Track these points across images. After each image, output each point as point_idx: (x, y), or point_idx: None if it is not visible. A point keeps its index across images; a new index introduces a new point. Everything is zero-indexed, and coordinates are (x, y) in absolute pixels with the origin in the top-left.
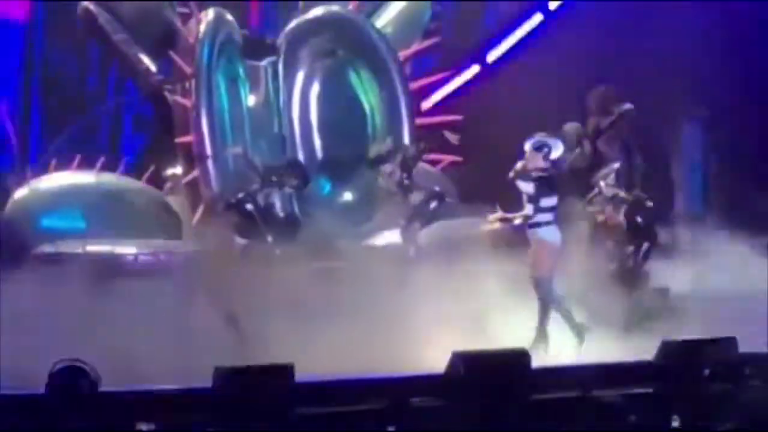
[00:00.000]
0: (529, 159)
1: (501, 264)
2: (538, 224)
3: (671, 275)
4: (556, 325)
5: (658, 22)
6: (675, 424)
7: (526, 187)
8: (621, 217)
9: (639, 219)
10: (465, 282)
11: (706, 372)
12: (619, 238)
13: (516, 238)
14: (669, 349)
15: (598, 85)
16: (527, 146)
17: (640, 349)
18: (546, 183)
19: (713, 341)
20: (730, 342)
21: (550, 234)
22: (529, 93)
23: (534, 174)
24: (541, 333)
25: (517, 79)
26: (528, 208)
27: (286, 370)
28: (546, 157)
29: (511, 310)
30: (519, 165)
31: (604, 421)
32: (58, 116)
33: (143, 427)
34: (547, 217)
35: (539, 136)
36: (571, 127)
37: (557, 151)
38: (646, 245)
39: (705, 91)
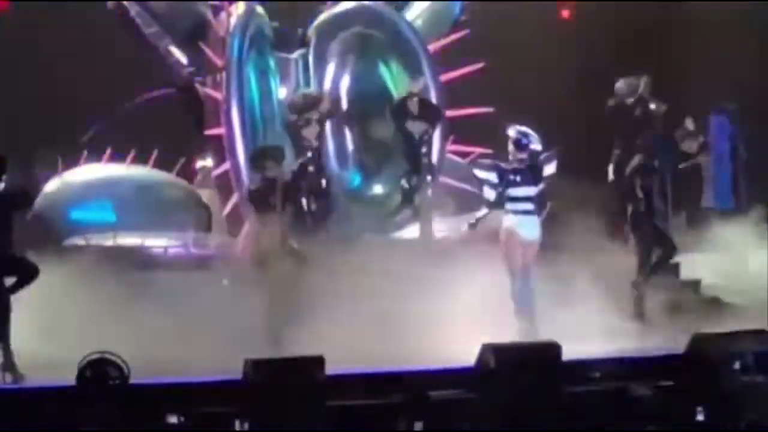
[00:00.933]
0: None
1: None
2: (513, 212)
3: (702, 268)
4: (589, 317)
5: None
6: (706, 416)
7: (484, 175)
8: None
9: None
10: (484, 276)
11: (737, 364)
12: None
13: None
14: (700, 342)
15: (625, 75)
16: (510, 133)
17: (671, 341)
18: (519, 173)
19: (744, 334)
20: (761, 335)
21: (516, 225)
22: (557, 83)
23: (509, 164)
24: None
25: (546, 69)
26: (489, 194)
27: (317, 362)
28: (523, 148)
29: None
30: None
31: (634, 413)
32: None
33: (173, 418)
34: (517, 207)
35: (518, 127)
36: None
37: (535, 143)
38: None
39: (734, 82)
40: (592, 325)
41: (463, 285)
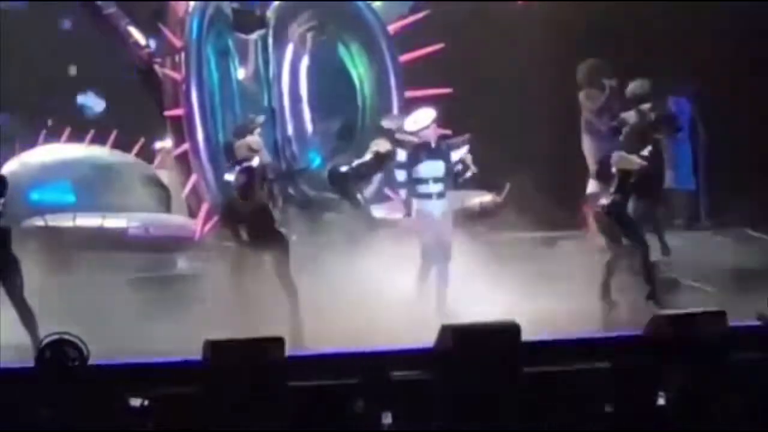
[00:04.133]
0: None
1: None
2: (420, 194)
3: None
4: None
5: None
6: (664, 396)
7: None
8: None
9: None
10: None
11: (696, 345)
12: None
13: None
14: (658, 322)
15: (586, 57)
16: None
17: (633, 321)
18: (423, 154)
19: (703, 314)
20: (720, 315)
21: (424, 206)
22: (520, 63)
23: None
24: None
25: (507, 50)
26: (400, 175)
27: (277, 343)
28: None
29: (496, 281)
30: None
31: (593, 393)
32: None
33: (134, 399)
34: (424, 188)
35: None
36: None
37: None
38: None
39: (694, 64)
40: (552, 306)
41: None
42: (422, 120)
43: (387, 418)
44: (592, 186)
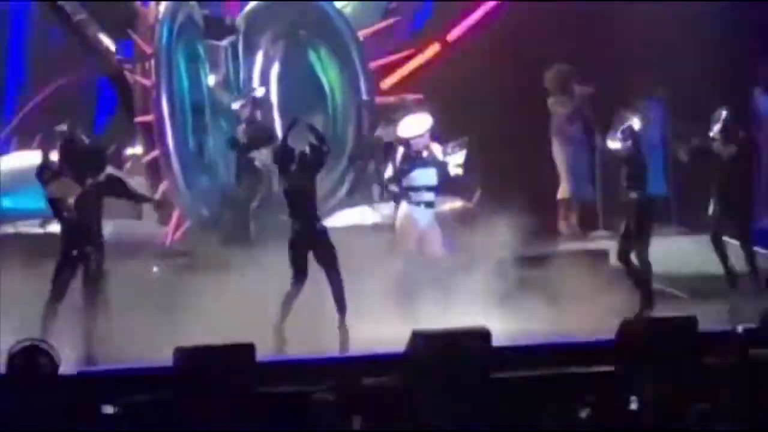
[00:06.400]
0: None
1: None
2: (410, 201)
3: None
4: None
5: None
6: (636, 401)
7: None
8: None
9: None
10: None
11: (666, 350)
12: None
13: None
14: (629, 327)
15: (556, 63)
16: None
17: (602, 326)
18: (416, 162)
19: (673, 319)
20: (690, 320)
21: (411, 213)
22: (491, 70)
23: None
24: None
25: (477, 56)
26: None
27: (247, 349)
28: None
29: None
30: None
31: (563, 399)
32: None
33: (105, 405)
34: (414, 196)
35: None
36: None
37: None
38: None
39: (666, 69)
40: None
41: (392, 272)
42: (416, 127)
43: (356, 423)
44: (563, 191)
